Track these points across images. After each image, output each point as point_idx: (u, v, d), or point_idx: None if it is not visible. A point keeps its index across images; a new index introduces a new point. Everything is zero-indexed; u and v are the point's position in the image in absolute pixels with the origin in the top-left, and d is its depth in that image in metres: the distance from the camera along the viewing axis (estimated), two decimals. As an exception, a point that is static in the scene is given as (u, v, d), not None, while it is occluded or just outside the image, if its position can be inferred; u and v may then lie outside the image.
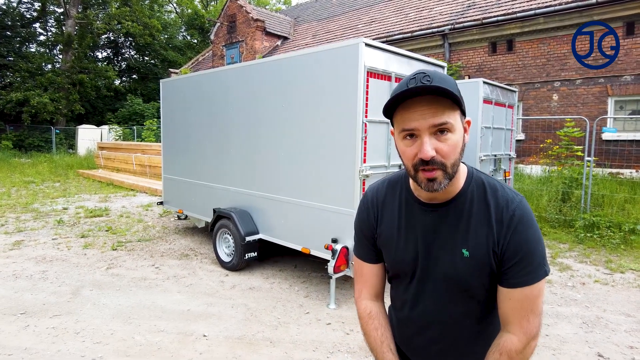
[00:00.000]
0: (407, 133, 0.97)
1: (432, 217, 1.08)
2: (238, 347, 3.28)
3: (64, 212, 8.41)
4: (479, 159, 6.04)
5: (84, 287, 4.50)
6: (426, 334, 1.16)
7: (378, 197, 1.20)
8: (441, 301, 1.10)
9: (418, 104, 0.94)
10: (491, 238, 1.02)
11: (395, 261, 1.15)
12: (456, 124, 0.97)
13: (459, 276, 1.05)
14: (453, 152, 0.97)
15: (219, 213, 5.11)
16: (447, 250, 1.06)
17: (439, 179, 0.97)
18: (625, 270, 5.12)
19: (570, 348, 3.30)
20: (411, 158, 0.98)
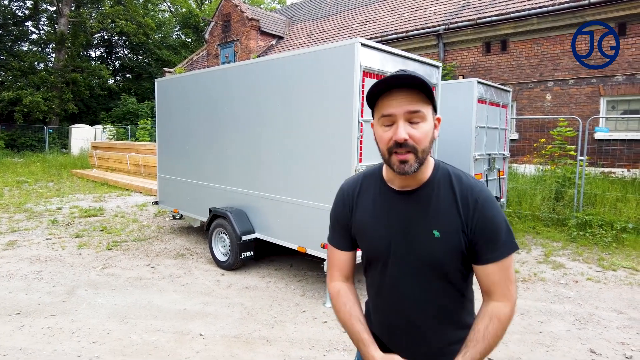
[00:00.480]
0: (386, 119, 1.10)
1: (405, 203, 1.18)
2: (235, 345, 3.29)
3: (58, 212, 8.35)
4: (473, 158, 6.09)
5: (79, 287, 4.48)
6: (403, 316, 1.21)
7: (354, 189, 1.29)
8: (416, 282, 1.17)
9: (397, 94, 1.08)
10: (459, 220, 1.13)
11: (372, 246, 1.23)
12: (428, 116, 1.10)
13: (431, 256, 1.14)
14: (424, 139, 1.09)
15: (214, 212, 5.11)
16: (419, 232, 1.15)
17: (410, 161, 1.08)
18: (617, 268, 5.19)
19: (563, 345, 3.34)
20: (387, 142, 1.10)
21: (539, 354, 3.20)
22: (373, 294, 1.30)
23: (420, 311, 1.19)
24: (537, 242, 6.40)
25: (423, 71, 4.46)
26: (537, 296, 4.34)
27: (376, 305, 1.30)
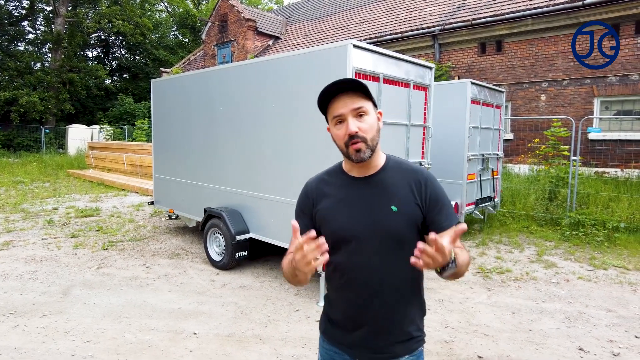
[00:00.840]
0: (337, 119, 1.30)
1: (365, 187, 1.36)
2: (228, 344, 3.32)
3: (54, 212, 8.36)
4: (467, 158, 6.14)
5: (74, 286, 4.50)
6: (372, 290, 1.33)
7: (316, 183, 1.46)
8: (382, 256, 1.31)
9: (342, 97, 1.28)
10: (413, 196, 1.33)
11: (339, 227, 1.35)
12: (370, 110, 1.30)
13: (392, 228, 1.30)
14: (370, 130, 1.29)
15: (209, 212, 5.14)
16: (380, 209, 1.31)
17: (363, 149, 1.28)
18: (608, 267, 5.25)
19: (552, 342, 3.39)
20: (342, 137, 1.29)
21: (528, 352, 3.24)
22: (338, 277, 1.38)
23: (384, 283, 1.32)
24: (530, 241, 6.46)
25: (416, 72, 4.50)
26: (528, 295, 4.39)
27: (342, 288, 1.37)
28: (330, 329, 1.44)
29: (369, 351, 1.35)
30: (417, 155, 4.72)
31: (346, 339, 1.39)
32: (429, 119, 4.78)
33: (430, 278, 4.90)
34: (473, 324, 3.70)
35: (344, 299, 1.37)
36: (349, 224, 1.33)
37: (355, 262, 1.33)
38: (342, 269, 1.36)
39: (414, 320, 1.38)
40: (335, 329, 1.42)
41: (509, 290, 4.51)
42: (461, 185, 6.20)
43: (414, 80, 4.45)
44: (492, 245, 6.26)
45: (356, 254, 1.32)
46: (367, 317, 1.33)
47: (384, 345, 1.34)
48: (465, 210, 6.30)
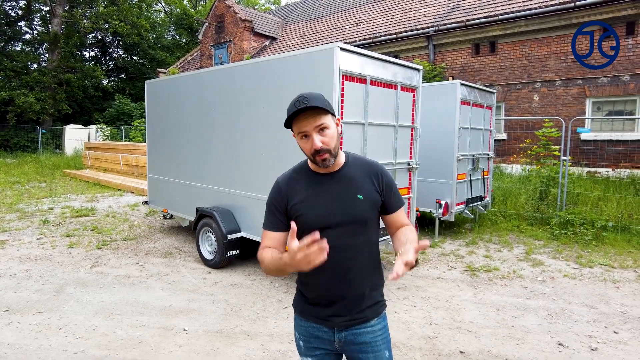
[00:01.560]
0: (302, 134, 1.48)
1: (332, 181, 1.57)
2: (217, 340, 3.40)
3: (49, 212, 8.42)
4: (457, 158, 6.22)
5: (67, 285, 4.57)
6: (343, 268, 1.53)
7: (287, 180, 1.63)
8: (350, 236, 1.53)
9: (304, 116, 1.45)
10: (373, 185, 1.59)
11: (313, 217, 1.53)
12: (331, 123, 1.49)
13: (359, 213, 1.54)
14: (332, 140, 1.48)
15: (201, 212, 5.22)
16: (348, 198, 1.55)
17: (328, 158, 1.49)
18: (594, 265, 5.35)
19: (533, 338, 3.48)
20: (309, 150, 1.49)
21: (508, 347, 3.33)
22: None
23: (351, 256, 1.54)
24: (520, 240, 6.55)
25: (403, 74, 4.59)
26: (513, 292, 4.48)
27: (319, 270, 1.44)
28: (308, 308, 1.61)
29: (344, 319, 1.56)
30: (405, 155, 4.80)
31: (324, 313, 1.57)
32: (417, 120, 4.87)
33: (418, 276, 5.00)
34: (457, 321, 3.79)
35: (321, 279, 1.54)
36: (324, 214, 1.52)
37: (331, 245, 1.44)
38: None
39: (378, 288, 1.64)
40: (312, 307, 1.59)
41: (495, 288, 4.60)
42: (451, 185, 6.29)
43: (402, 82, 4.53)
44: (482, 244, 6.36)
45: (330, 238, 1.43)
46: (342, 291, 1.54)
47: (358, 312, 1.56)
48: (456, 209, 6.39)
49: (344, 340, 1.58)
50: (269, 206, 1.62)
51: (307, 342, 1.62)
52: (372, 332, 1.60)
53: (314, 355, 1.62)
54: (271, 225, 1.60)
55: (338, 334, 1.58)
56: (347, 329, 1.57)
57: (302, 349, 1.65)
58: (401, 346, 3.32)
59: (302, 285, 1.65)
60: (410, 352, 3.23)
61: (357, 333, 1.58)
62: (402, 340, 3.41)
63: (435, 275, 4.98)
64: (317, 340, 1.60)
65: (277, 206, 1.59)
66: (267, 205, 1.63)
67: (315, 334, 1.60)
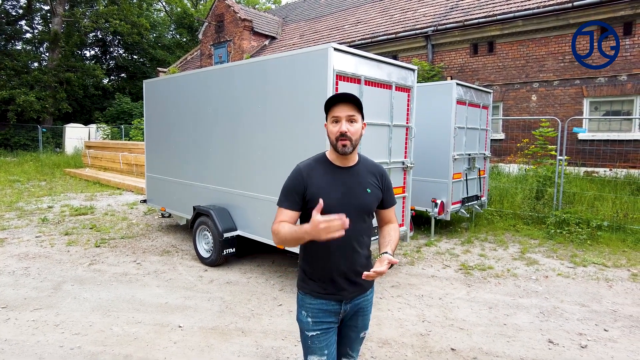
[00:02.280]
0: (334, 119, 1.75)
1: (346, 174, 1.84)
2: (211, 336, 3.45)
3: (48, 210, 8.47)
4: (452, 158, 6.26)
5: (65, 282, 4.62)
6: (348, 245, 1.80)
7: (308, 167, 1.85)
8: (356, 221, 1.78)
9: (341, 104, 1.74)
10: (377, 182, 1.90)
11: (329, 204, 1.74)
12: (359, 119, 1.77)
13: (366, 204, 1.84)
14: (356, 133, 1.75)
15: (198, 210, 5.26)
16: (359, 190, 1.83)
17: (348, 145, 1.74)
18: (587, 264, 5.38)
19: (524, 335, 3.52)
20: (335, 133, 1.74)
21: (499, 344, 3.37)
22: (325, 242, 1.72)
23: (356, 239, 1.83)
24: (515, 239, 6.59)
25: (398, 74, 4.62)
26: (506, 291, 4.52)
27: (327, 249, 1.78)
28: (316, 286, 1.85)
29: (349, 292, 1.84)
30: (400, 155, 4.84)
31: (330, 288, 1.83)
32: (411, 120, 4.90)
33: (412, 274, 5.04)
34: (450, 318, 3.83)
35: (328, 258, 1.81)
36: (337, 200, 1.77)
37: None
38: None
39: (370, 264, 1.90)
40: (320, 284, 1.84)
41: (488, 287, 4.64)
42: (447, 184, 6.32)
43: (396, 82, 4.57)
44: (478, 243, 6.40)
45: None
46: (349, 265, 1.82)
47: (359, 283, 1.86)
48: (451, 208, 6.43)
49: (347, 310, 1.88)
50: (288, 187, 1.85)
51: (316, 317, 1.84)
52: (366, 299, 1.94)
53: (321, 329, 1.84)
54: (288, 204, 1.83)
55: (345, 306, 1.86)
56: (351, 300, 1.87)
57: (309, 325, 1.85)
58: (393, 343, 3.37)
59: (309, 266, 1.88)
60: (401, 349, 3.27)
61: (357, 303, 1.90)
62: (395, 337, 3.45)
63: (429, 274, 5.03)
64: (325, 314, 1.84)
65: (295, 189, 1.82)
66: (286, 187, 1.86)
67: (324, 309, 1.84)
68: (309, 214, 1.78)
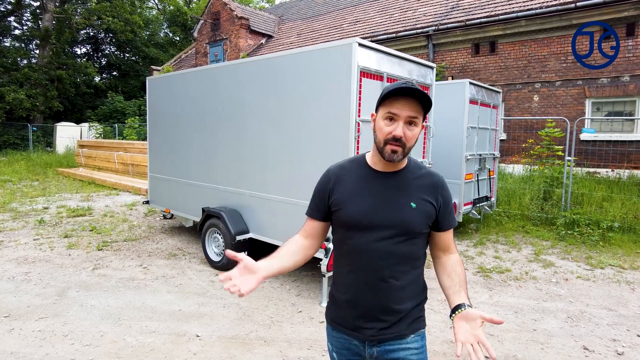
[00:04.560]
0: (390, 116, 1.37)
1: (386, 180, 1.46)
2: (232, 346, 3.27)
3: (44, 211, 8.19)
4: (465, 158, 6.15)
5: (69, 288, 4.40)
6: (378, 273, 1.43)
7: (339, 169, 1.55)
8: (391, 243, 1.42)
9: (404, 100, 1.35)
10: (430, 196, 1.46)
11: (355, 213, 1.45)
12: (420, 123, 1.40)
13: (409, 222, 1.42)
14: (413, 139, 1.39)
15: (208, 212, 5.07)
16: (400, 203, 1.43)
17: (399, 152, 1.38)
18: (604, 266, 5.30)
19: (557, 342, 3.40)
20: (386, 133, 1.38)
21: (533, 352, 3.25)
22: (351, 260, 1.48)
23: (389, 268, 1.42)
24: (526, 241, 6.50)
25: (418, 71, 4.49)
26: (529, 294, 4.41)
27: (354, 271, 1.47)
28: (338, 315, 1.51)
29: (375, 331, 1.44)
30: (419, 154, 4.71)
31: (353, 322, 1.47)
32: (430, 119, 4.77)
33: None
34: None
35: (354, 281, 1.46)
36: (365, 212, 1.42)
37: (369, 247, 1.43)
38: (356, 252, 1.45)
39: (418, 303, 1.50)
40: (342, 314, 1.49)
41: (510, 290, 4.52)
42: (459, 185, 6.21)
43: (417, 79, 4.44)
44: (490, 244, 6.29)
45: (372, 240, 1.42)
46: (374, 299, 1.43)
47: (391, 325, 1.44)
48: (463, 210, 6.32)
49: (375, 356, 1.46)
50: (315, 192, 1.59)
51: (340, 354, 1.53)
52: (407, 350, 1.45)
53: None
54: (310, 211, 1.58)
55: (369, 349, 1.46)
56: (379, 344, 1.45)
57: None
58: (423, 351, 3.22)
59: (335, 287, 1.56)
60: (434, 358, 3.13)
61: (390, 350, 1.45)
62: (424, 346, 3.31)
63: (447, 277, 4.89)
64: (349, 353, 1.51)
65: (321, 194, 1.55)
66: (314, 191, 1.60)
67: (347, 346, 1.50)
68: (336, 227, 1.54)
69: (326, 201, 1.52)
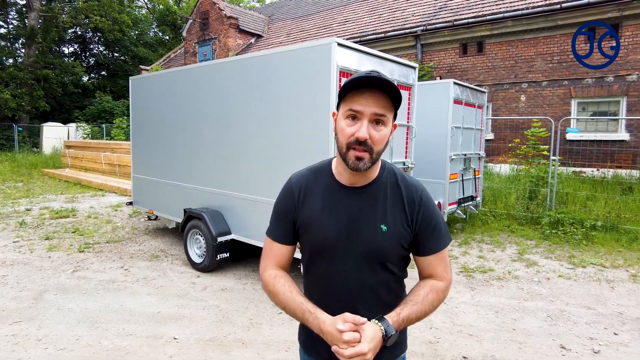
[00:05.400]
0: (352, 114, 1.14)
1: (354, 199, 1.24)
2: (209, 349, 3.23)
3: (27, 213, 8.05)
4: (449, 158, 6.16)
5: (47, 291, 4.32)
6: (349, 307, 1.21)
7: (302, 182, 1.32)
8: (362, 273, 1.24)
9: (368, 93, 1.12)
10: (405, 215, 1.24)
11: (321, 238, 1.25)
12: (389, 121, 1.17)
13: (378, 248, 1.22)
14: (382, 142, 1.16)
15: (189, 213, 5.02)
16: (369, 226, 1.22)
17: (365, 159, 1.15)
18: (586, 264, 5.35)
19: (535, 341, 3.41)
20: (348, 136, 1.15)
21: (511, 351, 3.25)
22: (317, 291, 1.31)
23: (361, 298, 1.25)
24: (511, 240, 6.54)
25: (400, 71, 4.48)
26: (511, 294, 4.42)
27: (321, 299, 1.26)
28: (310, 341, 1.34)
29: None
30: (401, 155, 4.70)
31: (326, 352, 1.23)
32: (412, 119, 4.77)
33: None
34: (457, 324, 3.70)
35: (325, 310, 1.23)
36: (331, 237, 1.24)
37: (335, 274, 1.27)
38: (321, 279, 1.31)
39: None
40: (313, 339, 1.28)
41: (492, 290, 4.53)
42: (443, 185, 6.22)
43: (398, 79, 4.43)
44: (475, 244, 6.32)
45: (338, 266, 1.26)
46: None
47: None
48: (448, 209, 6.33)
49: None
50: (277, 210, 1.36)
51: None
52: None
53: None
54: (275, 234, 1.34)
55: None
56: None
57: None
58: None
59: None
60: (412, 358, 3.12)
61: None
62: (403, 346, 3.30)
63: (430, 277, 4.89)
64: None
65: (286, 211, 1.33)
66: (275, 208, 1.37)
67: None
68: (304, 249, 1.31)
69: (293, 219, 1.31)
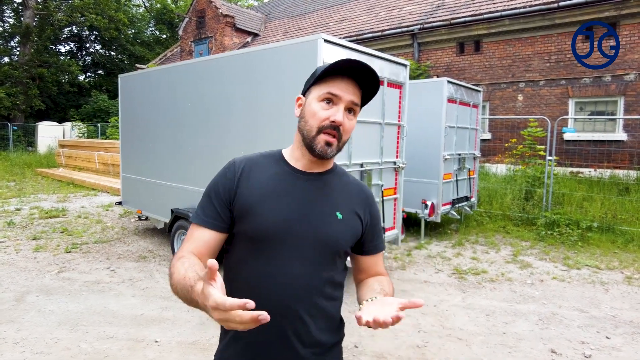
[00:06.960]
0: (329, 97, 1.11)
1: (309, 184, 1.18)
2: (191, 352, 3.14)
3: (16, 213, 7.95)
4: (443, 158, 6.08)
5: (29, 292, 4.23)
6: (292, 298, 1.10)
7: (246, 162, 1.21)
8: (309, 263, 1.12)
9: (349, 80, 1.11)
10: (357, 209, 1.22)
11: (264, 224, 1.11)
12: (357, 114, 1.18)
13: (331, 236, 1.15)
14: (349, 132, 1.16)
15: (176, 213, 4.93)
16: (324, 213, 1.16)
17: (334, 145, 1.12)
18: (581, 266, 5.27)
19: (525, 345, 3.33)
20: (322, 119, 1.11)
21: (501, 356, 3.17)
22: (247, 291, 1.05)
23: (309, 296, 1.12)
24: (506, 241, 6.46)
25: (390, 69, 4.39)
26: (503, 296, 4.34)
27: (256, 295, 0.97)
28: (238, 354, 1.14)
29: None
30: (392, 154, 4.61)
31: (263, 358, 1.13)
32: (403, 118, 4.68)
33: (404, 280, 4.82)
34: (447, 328, 3.62)
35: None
36: (281, 221, 1.10)
37: (275, 269, 1.10)
38: (255, 277, 1.12)
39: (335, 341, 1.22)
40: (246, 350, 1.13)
41: (483, 292, 4.45)
42: (437, 185, 6.14)
43: (388, 77, 4.34)
44: (469, 245, 6.23)
45: (279, 259, 1.10)
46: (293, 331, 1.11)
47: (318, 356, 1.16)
48: (442, 210, 6.25)
49: None
50: (209, 191, 1.18)
51: None
52: None
53: None
54: (204, 219, 1.14)
55: None
56: None
57: None
58: (388, 356, 3.13)
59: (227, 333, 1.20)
60: (398, 364, 3.04)
61: None
62: (390, 350, 3.21)
63: (422, 279, 4.81)
64: None
65: (221, 192, 1.15)
66: (207, 190, 1.19)
67: None
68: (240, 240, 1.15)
69: (227, 202, 1.14)
